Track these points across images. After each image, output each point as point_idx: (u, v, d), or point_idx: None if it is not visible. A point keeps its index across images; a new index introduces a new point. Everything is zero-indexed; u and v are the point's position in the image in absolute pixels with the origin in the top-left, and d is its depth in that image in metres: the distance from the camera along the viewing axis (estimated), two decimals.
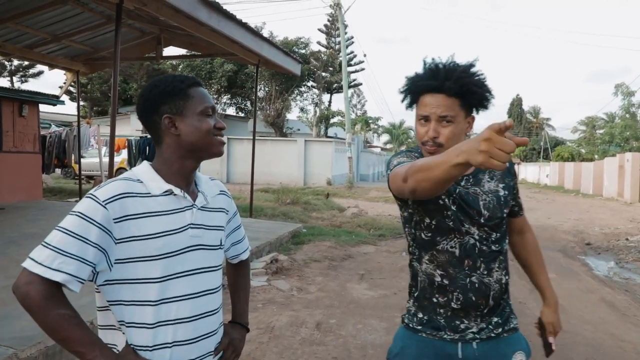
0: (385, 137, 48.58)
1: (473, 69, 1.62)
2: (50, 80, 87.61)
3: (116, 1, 5.72)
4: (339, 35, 31.92)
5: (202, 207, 1.41)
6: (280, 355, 3.89)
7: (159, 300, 1.29)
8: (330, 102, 39.43)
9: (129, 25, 8.95)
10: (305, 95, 39.10)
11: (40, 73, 35.01)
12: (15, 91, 12.57)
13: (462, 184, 1.65)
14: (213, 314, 1.42)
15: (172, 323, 1.31)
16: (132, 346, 1.28)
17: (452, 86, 1.57)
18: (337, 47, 36.43)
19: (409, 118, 64.42)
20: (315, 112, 36.01)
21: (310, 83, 37.89)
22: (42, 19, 8.32)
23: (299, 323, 4.63)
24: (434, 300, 1.66)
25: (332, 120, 35.99)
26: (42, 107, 12.55)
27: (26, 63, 31.29)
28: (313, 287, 5.98)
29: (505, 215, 1.68)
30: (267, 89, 33.24)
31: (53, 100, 12.24)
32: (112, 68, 6.00)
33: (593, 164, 29.11)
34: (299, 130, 35.27)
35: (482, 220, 1.62)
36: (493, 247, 1.65)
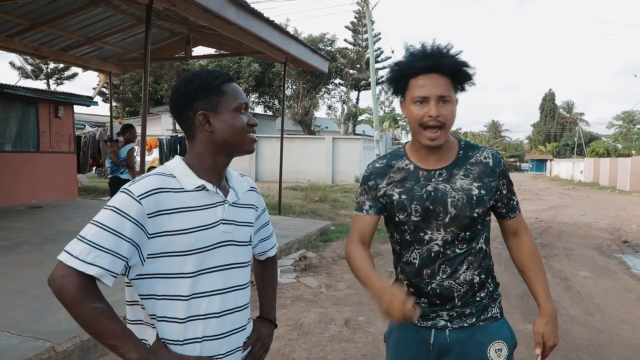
0: None
1: (456, 50, 1.63)
2: (84, 81, 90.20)
3: (146, 2, 5.82)
4: (365, 32, 31.76)
5: (233, 203, 1.42)
6: (309, 352, 3.90)
7: (190, 295, 1.30)
8: (358, 99, 39.29)
9: (158, 26, 9.10)
10: (332, 92, 38.96)
11: (74, 75, 35.98)
12: (51, 93, 12.95)
13: (434, 180, 1.64)
14: (242, 310, 1.43)
15: (202, 318, 1.32)
16: (163, 340, 1.30)
17: (449, 64, 1.57)
18: (364, 44, 36.25)
19: None
20: (343, 109, 35.89)
21: (337, 80, 37.77)
22: (75, 22, 8.55)
23: (328, 320, 4.64)
24: None
25: (360, 118, 35.74)
26: (77, 108, 12.88)
27: (61, 65, 32.19)
28: (342, 284, 5.97)
29: (476, 215, 1.62)
30: (294, 87, 33.28)
31: (87, 101, 12.55)
32: (142, 69, 6.10)
33: (630, 160, 28.18)
34: (326, 128, 35.18)
35: (448, 220, 1.61)
36: (458, 250, 1.64)
